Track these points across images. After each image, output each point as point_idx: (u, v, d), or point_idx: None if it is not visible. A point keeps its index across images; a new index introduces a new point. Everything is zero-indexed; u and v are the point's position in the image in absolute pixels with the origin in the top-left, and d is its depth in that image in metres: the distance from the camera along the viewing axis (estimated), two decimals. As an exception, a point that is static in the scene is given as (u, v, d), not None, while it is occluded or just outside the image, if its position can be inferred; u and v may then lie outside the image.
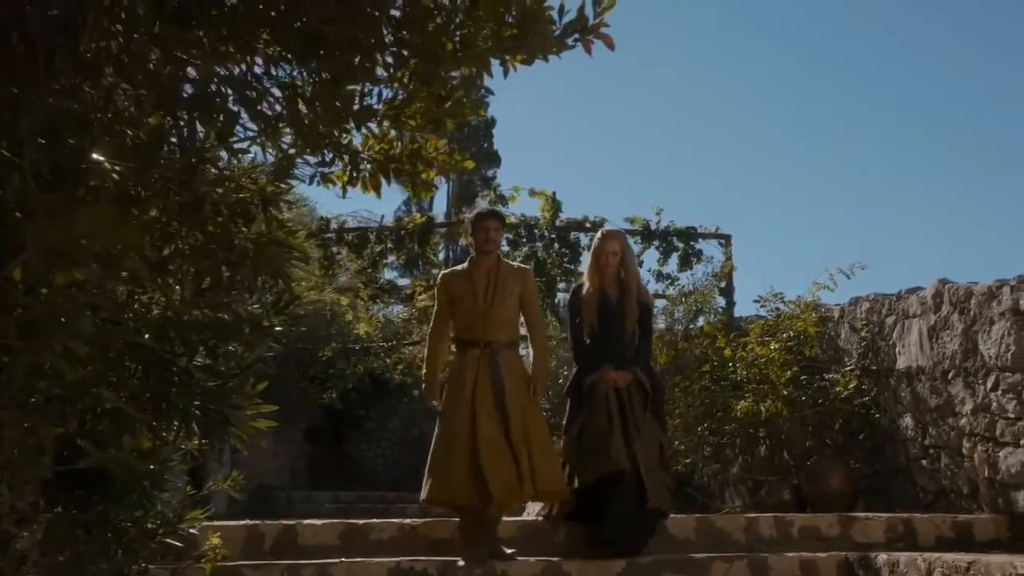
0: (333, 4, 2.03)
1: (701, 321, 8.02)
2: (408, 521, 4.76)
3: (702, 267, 9.65)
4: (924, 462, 5.53)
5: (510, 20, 2.10)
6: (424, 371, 4.80)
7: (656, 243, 9.70)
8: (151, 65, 2.18)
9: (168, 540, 2.85)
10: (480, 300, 4.59)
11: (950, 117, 38.32)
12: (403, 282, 12.31)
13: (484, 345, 4.55)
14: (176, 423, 2.55)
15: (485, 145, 29.42)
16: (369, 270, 10.10)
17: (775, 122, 39.14)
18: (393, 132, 2.62)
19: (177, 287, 2.63)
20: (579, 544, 4.57)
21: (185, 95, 2.30)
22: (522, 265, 5.32)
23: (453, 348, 4.85)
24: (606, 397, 4.59)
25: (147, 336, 2.46)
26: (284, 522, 4.84)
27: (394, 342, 11.75)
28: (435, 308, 4.81)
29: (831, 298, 7.22)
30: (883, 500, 5.75)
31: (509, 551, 4.40)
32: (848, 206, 38.38)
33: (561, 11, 2.21)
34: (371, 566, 4.32)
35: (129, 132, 2.09)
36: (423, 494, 4.52)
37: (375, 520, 4.85)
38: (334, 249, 9.94)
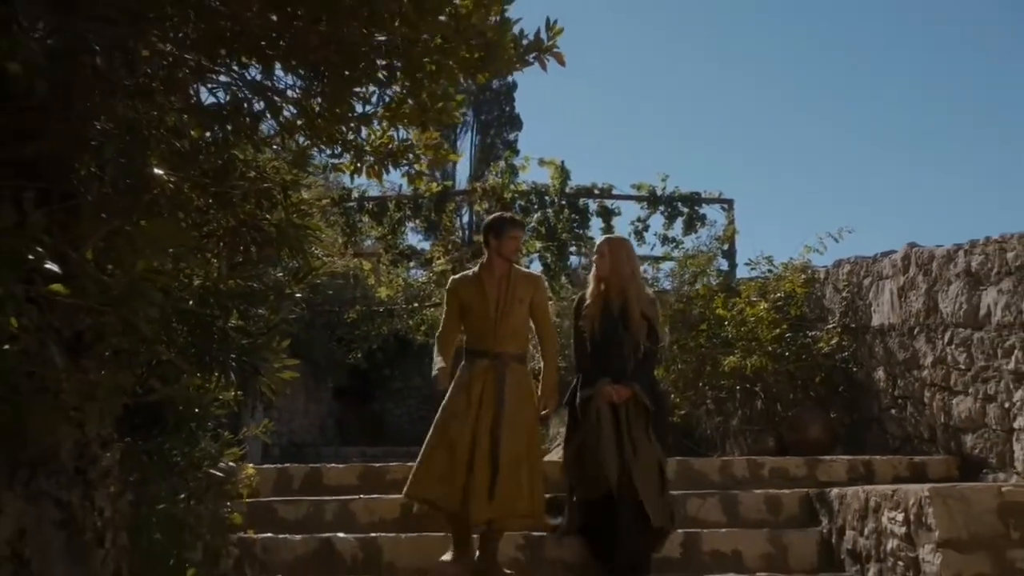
0: (330, 41, 2.54)
1: (701, 283, 8.48)
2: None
3: (706, 231, 10.15)
4: (893, 411, 6.03)
5: (477, 52, 2.61)
6: (435, 363, 4.52)
7: (662, 208, 10.17)
8: (191, 87, 2.72)
9: (211, 471, 3.43)
10: (491, 310, 4.43)
11: (950, 80, 38.19)
12: (424, 246, 12.88)
13: (493, 357, 4.38)
14: (216, 374, 3.14)
15: (507, 109, 29.56)
16: (389, 236, 10.67)
17: (777, 88, 39.34)
18: (391, 131, 3.18)
19: (214, 262, 3.22)
20: (586, 562, 4.46)
21: (218, 103, 2.86)
22: (533, 272, 5.10)
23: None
24: (598, 415, 4.38)
25: (191, 302, 3.05)
26: (310, 465, 5.46)
27: (416, 304, 12.21)
28: (444, 312, 4.67)
29: (822, 260, 7.70)
30: (858, 447, 6.24)
31: (508, 572, 4.34)
32: (848, 169, 38.56)
33: (521, 35, 2.74)
34: (386, 502, 4.93)
35: (176, 143, 2.64)
36: (406, 489, 4.38)
37: (391, 463, 5.45)
38: (356, 217, 10.53)
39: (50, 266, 1.74)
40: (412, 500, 4.46)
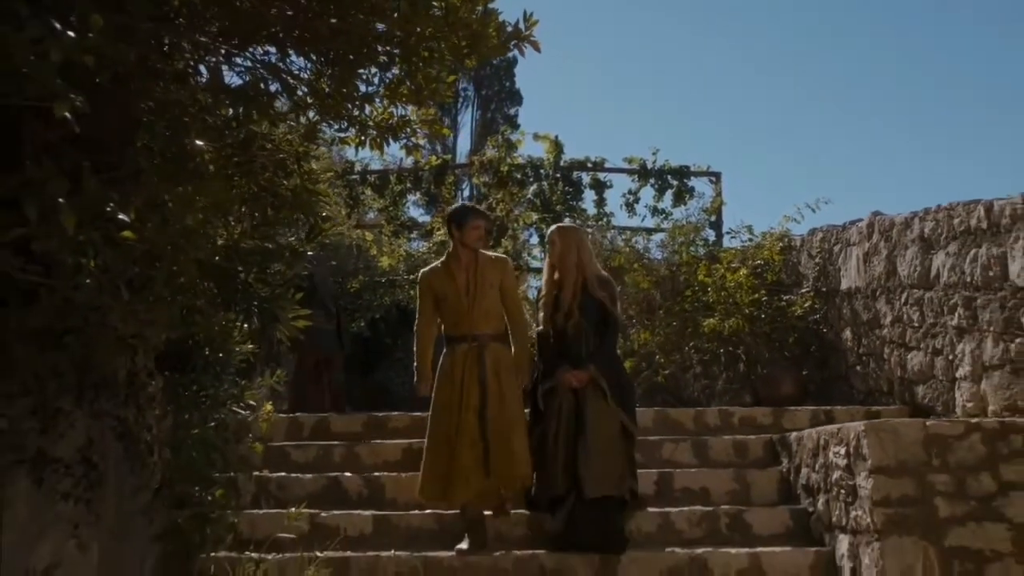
0: (338, 31, 2.98)
1: (686, 252, 8.93)
2: (418, 413, 5.81)
3: (694, 203, 10.56)
4: (858, 368, 6.50)
5: (465, 41, 3.05)
6: (416, 364, 4.84)
7: (652, 181, 10.60)
8: (218, 71, 3.17)
9: (234, 408, 3.90)
10: (463, 296, 4.64)
11: (935, 51, 38.93)
12: (425, 219, 13.31)
13: (472, 339, 4.60)
14: (239, 322, 3.61)
15: (507, 84, 29.76)
16: (391, 208, 11.12)
17: (764, 64, 40.15)
18: (391, 109, 3.63)
19: (236, 224, 3.68)
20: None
21: (241, 85, 3.31)
22: (499, 255, 5.22)
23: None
24: (560, 407, 4.58)
25: (217, 258, 3.51)
26: (318, 415, 5.95)
27: (417, 275, 12.55)
28: (419, 305, 4.87)
29: (800, 229, 8.13)
30: (826, 401, 6.71)
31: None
32: (830, 140, 39.47)
33: (503, 25, 3.19)
34: (388, 446, 5.42)
35: (207, 119, 3.09)
36: (418, 490, 4.63)
37: (392, 413, 5.95)
38: (359, 189, 10.98)
39: (122, 216, 2.20)
40: (425, 501, 4.67)
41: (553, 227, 4.98)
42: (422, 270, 5.00)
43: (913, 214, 5.71)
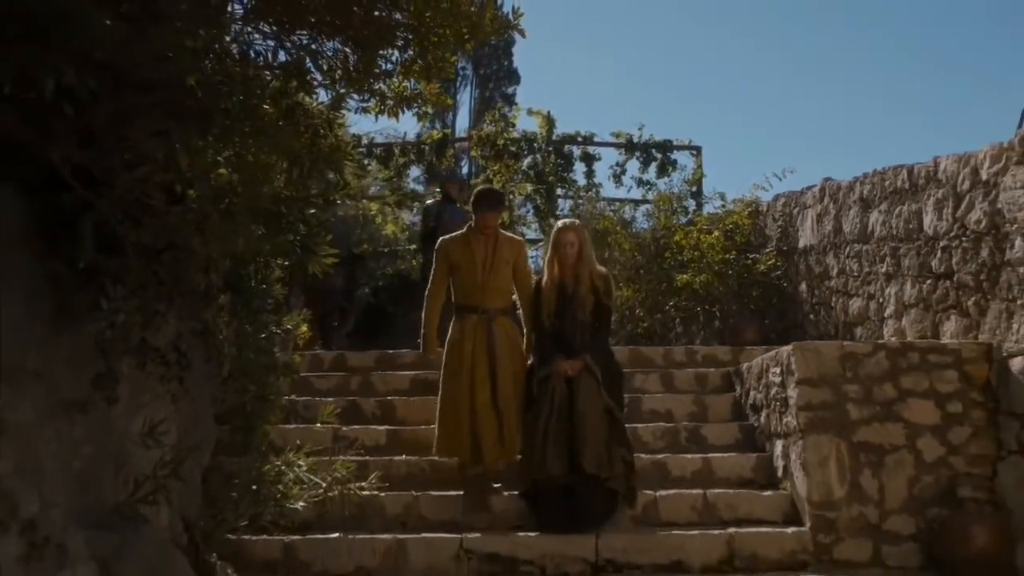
0: (366, 21, 3.80)
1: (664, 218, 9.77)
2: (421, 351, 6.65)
3: (677, 175, 11.39)
4: (812, 316, 7.37)
5: (466, 28, 3.88)
6: (423, 328, 5.16)
7: (637, 154, 11.42)
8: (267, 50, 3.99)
9: (274, 329, 4.75)
10: (479, 269, 4.91)
11: (912, 28, 41.05)
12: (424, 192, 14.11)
13: (481, 312, 4.89)
14: (279, 259, 4.46)
15: (506, 63, 30.45)
16: (395, 179, 11.94)
17: (745, 44, 42.50)
18: (405, 83, 4.44)
19: (279, 176, 4.51)
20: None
21: (286, 62, 4.13)
22: (516, 236, 5.50)
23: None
24: (553, 392, 4.77)
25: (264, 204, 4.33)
26: (336, 352, 6.81)
27: (417, 245, 13.34)
28: (434, 270, 5.11)
29: (768, 196, 8.96)
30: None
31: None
32: (800, 113, 42.94)
33: (496, 17, 4.01)
34: (398, 376, 6.29)
35: (258, 91, 3.91)
36: (434, 449, 5.00)
37: (401, 350, 6.81)
38: (365, 161, 11.78)
39: (220, 159, 3.03)
40: (442, 457, 5.03)
41: (563, 223, 5.13)
42: (442, 238, 5.27)
43: (855, 179, 6.54)
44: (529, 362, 5.04)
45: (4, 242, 2.88)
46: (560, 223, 5.16)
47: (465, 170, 16.51)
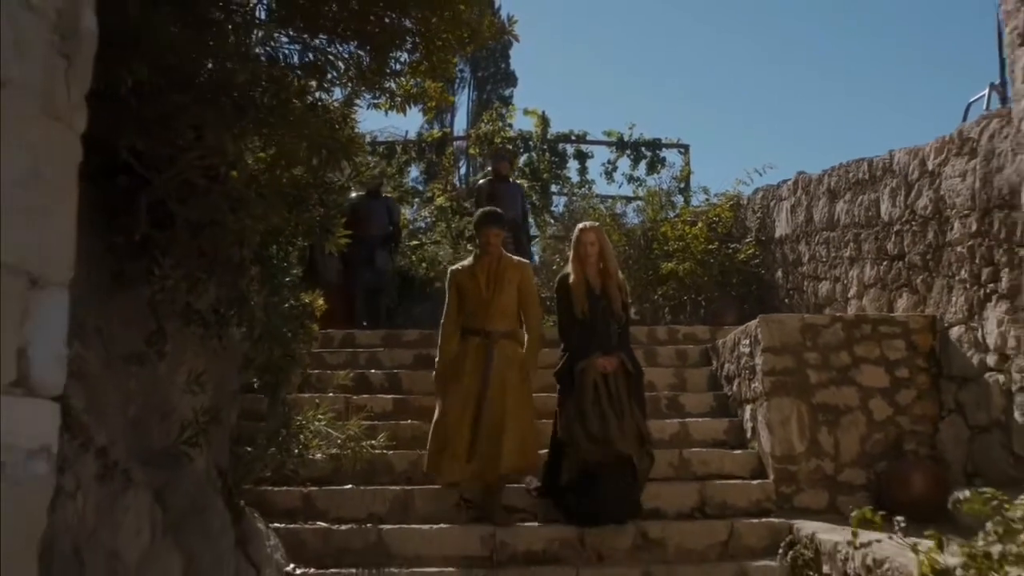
0: (379, 27, 4.35)
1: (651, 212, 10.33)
2: (428, 331, 7.19)
3: (666, 172, 11.96)
4: (786, 300, 7.92)
5: (466, 33, 4.43)
6: (437, 360, 5.24)
7: (628, 152, 11.98)
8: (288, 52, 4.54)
9: (293, 301, 5.28)
10: (483, 290, 5.06)
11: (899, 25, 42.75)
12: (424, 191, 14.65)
13: (484, 335, 5.02)
14: (300, 237, 4.99)
15: (503, 66, 30.99)
16: (396, 175, 12.48)
17: (730, 41, 45.00)
18: (412, 82, 4.99)
19: (300, 165, 5.04)
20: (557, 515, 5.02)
21: (306, 63, 4.67)
22: (522, 259, 5.57)
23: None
24: (595, 385, 4.86)
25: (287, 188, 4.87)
26: (346, 330, 7.36)
27: (418, 241, 13.82)
28: (447, 299, 5.26)
29: (749, 190, 9.52)
30: (762, 330, 8.13)
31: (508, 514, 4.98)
32: (785, 109, 45.26)
33: (493, 23, 4.57)
34: (403, 353, 6.83)
35: (285, 89, 4.46)
36: (425, 466, 5.07)
37: (406, 329, 7.35)
38: (368, 158, 12.33)
39: (258, 145, 3.57)
40: (431, 474, 5.07)
41: (584, 224, 5.31)
42: (452, 268, 5.48)
43: (824, 172, 7.10)
44: (560, 359, 5.14)
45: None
46: (580, 224, 5.34)
47: (464, 169, 17.08)
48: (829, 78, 44.91)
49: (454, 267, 5.43)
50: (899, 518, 3.09)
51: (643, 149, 11.97)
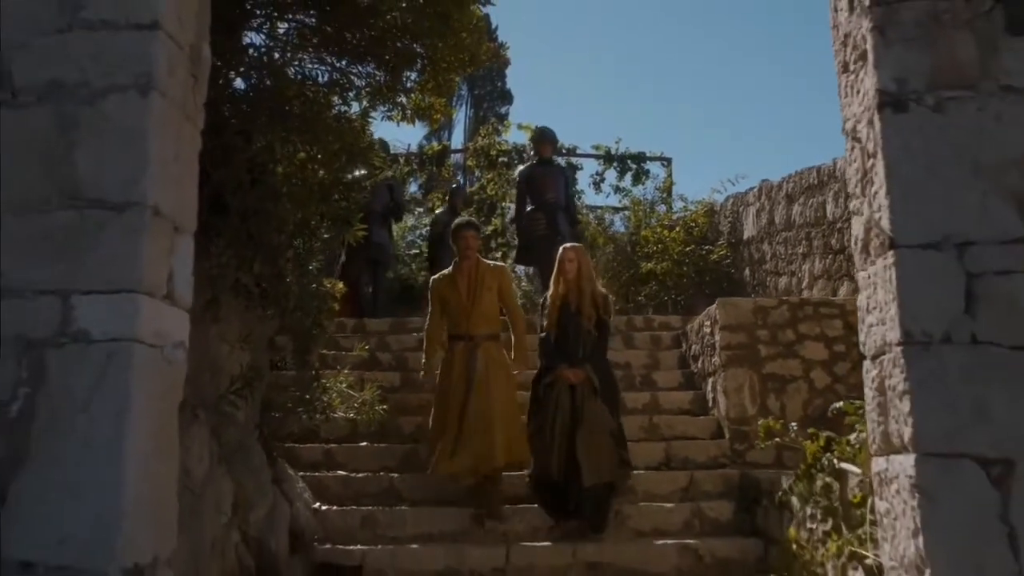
0: (396, 52, 5.23)
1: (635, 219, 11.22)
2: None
3: (650, 182, 12.84)
4: (752, 295, 8.78)
5: (467, 57, 5.32)
6: (423, 359, 5.74)
7: (615, 164, 12.86)
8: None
9: (316, 285, 6.13)
10: (464, 298, 5.38)
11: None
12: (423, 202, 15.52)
13: (468, 339, 5.34)
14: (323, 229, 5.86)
15: (499, 84, 31.91)
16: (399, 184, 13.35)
17: (711, 54, 48.62)
18: (420, 98, 5.88)
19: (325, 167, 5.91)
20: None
21: (330, 80, 5.55)
22: (498, 263, 5.92)
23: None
24: (558, 400, 5.17)
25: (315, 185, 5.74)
26: (355, 319, 8.21)
27: (418, 251, 14.53)
28: (429, 308, 5.65)
29: (722, 198, 10.40)
30: (732, 323, 8.98)
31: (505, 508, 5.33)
32: (759, 123, 48.08)
33: (489, 50, 5.47)
34: (408, 337, 7.69)
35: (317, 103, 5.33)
36: (430, 468, 5.35)
37: (412, 318, 8.21)
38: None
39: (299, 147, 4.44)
40: (437, 475, 5.35)
41: (567, 245, 5.63)
42: (432, 277, 5.91)
43: (783, 178, 8.00)
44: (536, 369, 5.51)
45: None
46: (563, 246, 5.64)
47: (461, 182, 17.95)
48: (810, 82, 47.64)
49: (434, 277, 5.78)
50: (793, 424, 3.94)
51: (629, 162, 12.84)
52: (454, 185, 12.25)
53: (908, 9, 2.42)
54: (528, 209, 8.17)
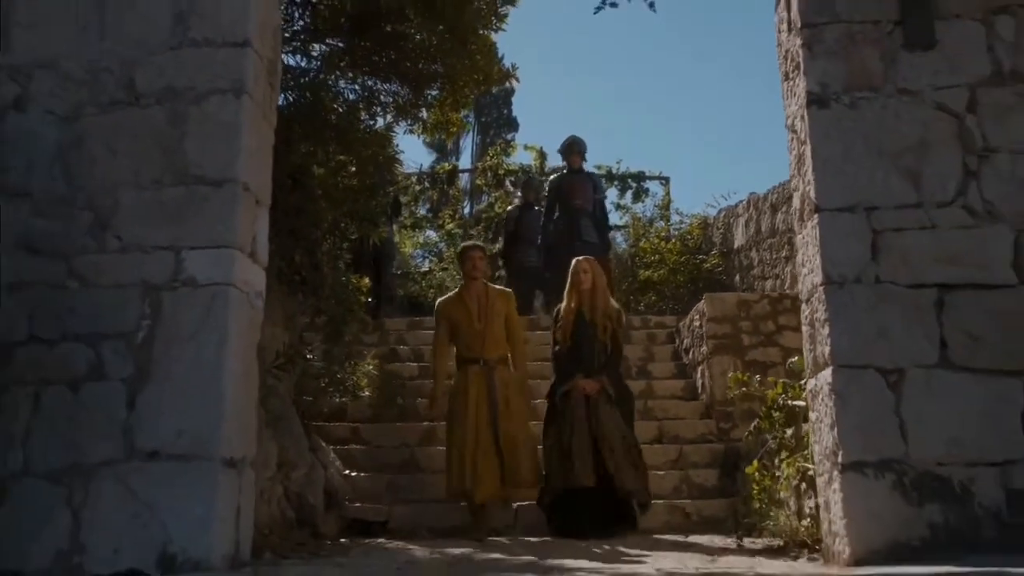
0: (420, 73, 5.98)
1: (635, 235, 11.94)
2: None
3: (650, 200, 13.56)
4: (742, 300, 9.47)
5: (481, 77, 6.07)
6: (433, 388, 5.58)
7: (616, 183, 13.59)
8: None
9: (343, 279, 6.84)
10: (476, 321, 5.35)
11: None
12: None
13: (483, 363, 5.28)
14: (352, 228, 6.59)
15: (505, 112, 32.71)
16: (411, 203, 14.10)
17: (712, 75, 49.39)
18: (439, 113, 6.62)
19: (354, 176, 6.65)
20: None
21: (358, 97, 6.31)
22: (504, 289, 5.86)
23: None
24: (574, 410, 5.15)
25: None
26: (375, 319, 8.91)
27: (428, 269, 15.12)
28: (436, 331, 5.65)
29: (715, 212, 11.11)
30: (724, 326, 9.67)
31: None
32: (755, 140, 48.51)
33: (500, 71, 6.22)
34: (424, 334, 8.38)
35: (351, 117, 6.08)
36: (444, 491, 5.34)
37: (426, 317, 8.91)
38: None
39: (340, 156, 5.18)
40: (451, 498, 5.34)
41: (581, 258, 5.65)
42: (439, 299, 5.89)
43: (768, 190, 8.72)
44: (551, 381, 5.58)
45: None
46: (576, 258, 5.66)
47: (467, 209, 18.69)
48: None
49: (441, 300, 5.79)
50: (756, 376, 4.62)
51: (629, 181, 13.58)
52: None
53: (830, 30, 3.15)
54: (555, 216, 8.69)
